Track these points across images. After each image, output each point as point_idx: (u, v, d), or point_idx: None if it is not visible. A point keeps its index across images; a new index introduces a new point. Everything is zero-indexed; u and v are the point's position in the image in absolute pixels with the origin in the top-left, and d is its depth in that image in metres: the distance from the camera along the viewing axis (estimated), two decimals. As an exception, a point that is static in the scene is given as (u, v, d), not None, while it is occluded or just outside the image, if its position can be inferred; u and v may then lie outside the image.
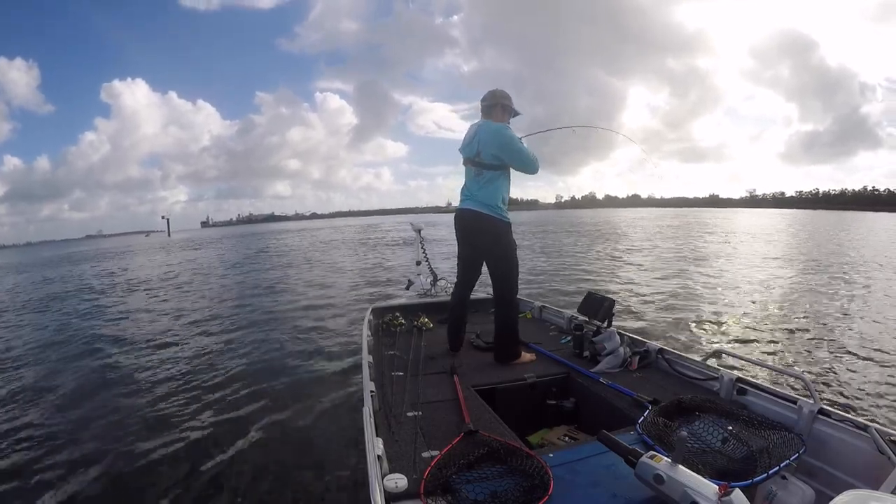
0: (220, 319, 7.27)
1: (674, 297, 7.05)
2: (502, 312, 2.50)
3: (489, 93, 2.55)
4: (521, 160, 2.42)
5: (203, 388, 4.21)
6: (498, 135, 2.40)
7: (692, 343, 4.80)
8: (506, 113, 2.54)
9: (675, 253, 13.73)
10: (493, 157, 2.41)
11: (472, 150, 2.47)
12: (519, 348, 2.49)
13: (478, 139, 2.44)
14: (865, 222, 37.79)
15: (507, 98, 2.53)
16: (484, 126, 2.46)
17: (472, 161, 2.49)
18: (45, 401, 4.10)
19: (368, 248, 19.05)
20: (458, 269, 2.72)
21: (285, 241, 32.18)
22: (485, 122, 2.50)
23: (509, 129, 2.44)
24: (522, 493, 1.21)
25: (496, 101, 2.51)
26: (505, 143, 2.39)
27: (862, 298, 6.75)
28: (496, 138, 2.40)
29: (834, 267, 10.04)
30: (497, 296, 2.55)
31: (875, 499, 0.87)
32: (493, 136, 2.41)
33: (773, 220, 44.69)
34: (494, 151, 2.40)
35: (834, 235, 21.36)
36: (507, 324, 2.48)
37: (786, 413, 1.62)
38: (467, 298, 2.73)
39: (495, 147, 2.40)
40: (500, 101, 2.51)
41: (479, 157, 2.44)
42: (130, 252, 32.58)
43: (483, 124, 2.48)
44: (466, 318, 2.75)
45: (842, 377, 3.79)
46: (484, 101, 2.55)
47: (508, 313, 2.49)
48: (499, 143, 2.39)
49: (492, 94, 2.53)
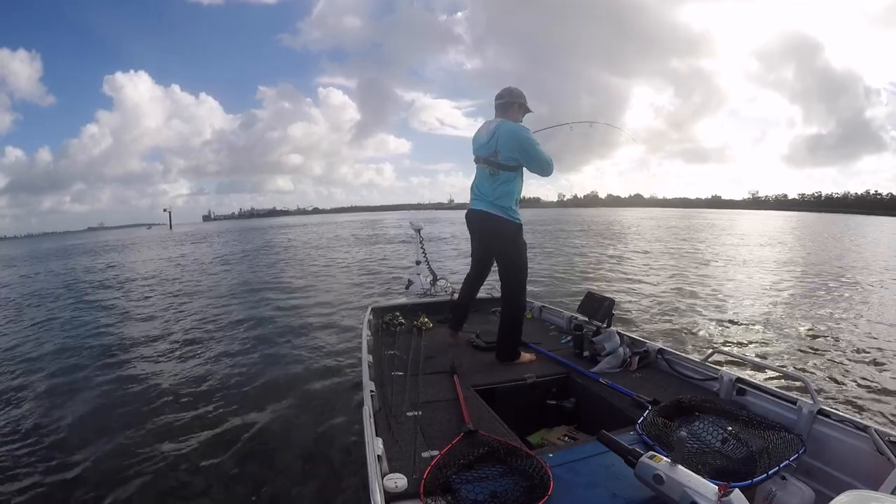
0: (219, 317, 7.26)
1: (675, 297, 7.05)
2: (508, 312, 2.50)
3: (505, 90, 2.49)
4: (539, 163, 2.39)
5: (202, 387, 4.21)
6: (518, 136, 2.35)
7: (692, 343, 4.81)
8: (521, 112, 2.50)
9: (679, 254, 13.67)
10: (510, 158, 2.37)
11: (489, 149, 2.42)
12: (519, 349, 2.49)
13: (496, 139, 2.38)
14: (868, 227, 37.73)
15: (522, 97, 2.49)
16: (502, 126, 2.39)
17: (487, 161, 2.44)
18: (41, 397, 4.10)
19: (370, 245, 19.04)
20: (472, 263, 2.79)
21: (287, 235, 32.13)
22: (502, 121, 2.43)
23: (528, 131, 2.40)
24: (522, 493, 1.21)
25: (514, 100, 2.46)
26: (525, 145, 2.35)
27: (863, 300, 6.75)
28: (516, 140, 2.35)
29: (835, 269, 10.04)
30: (504, 295, 2.55)
31: (875, 499, 0.87)
32: (513, 138, 2.35)
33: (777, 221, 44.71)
34: (513, 153, 2.36)
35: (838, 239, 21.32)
36: (512, 324, 2.47)
37: (785, 413, 1.62)
38: (476, 291, 2.81)
39: (515, 149, 2.35)
40: (517, 99, 2.47)
41: (495, 158, 2.39)
42: (133, 245, 32.49)
43: (501, 124, 2.41)
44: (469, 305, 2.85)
45: (842, 377, 3.79)
46: (500, 98, 2.49)
47: (514, 313, 2.49)
48: (519, 145, 2.35)
49: (509, 92, 2.48)
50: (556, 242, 18.68)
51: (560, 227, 30.96)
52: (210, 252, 20.79)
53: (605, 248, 15.88)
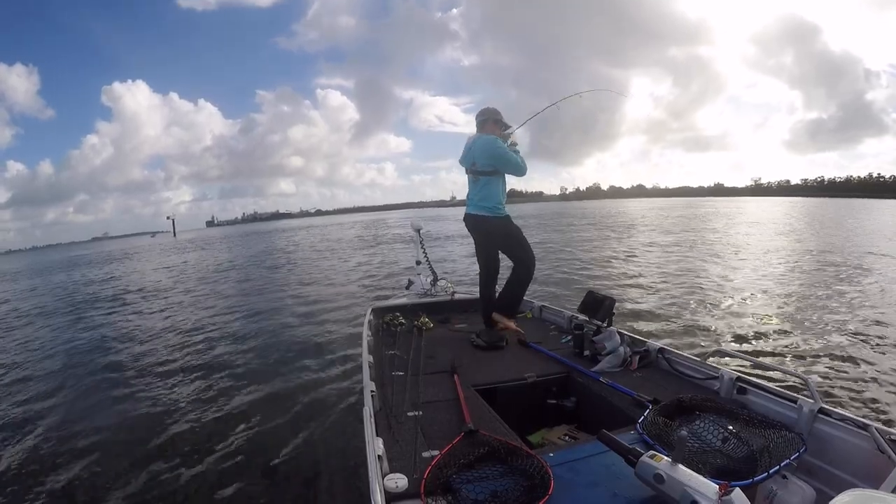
0: (220, 319, 7.27)
1: (675, 295, 7.04)
2: (519, 270, 2.87)
3: (481, 111, 2.98)
4: (511, 167, 2.84)
5: (202, 387, 4.22)
6: (489, 146, 2.79)
7: (692, 342, 4.80)
8: (497, 126, 2.92)
9: (684, 246, 13.51)
10: (487, 165, 2.81)
11: (468, 160, 2.90)
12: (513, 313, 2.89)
13: (472, 151, 2.86)
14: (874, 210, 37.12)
15: (497, 114, 2.94)
16: (478, 140, 2.86)
17: (470, 170, 2.90)
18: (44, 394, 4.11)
19: (372, 246, 19.01)
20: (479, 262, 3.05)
21: (291, 238, 32.05)
22: (478, 136, 2.89)
23: (498, 141, 2.83)
24: (523, 493, 1.21)
25: (488, 117, 2.93)
26: (495, 153, 2.78)
27: (866, 295, 6.72)
28: (488, 149, 2.79)
29: (839, 260, 9.92)
30: (517, 263, 2.90)
31: (875, 498, 0.87)
32: (485, 147, 2.80)
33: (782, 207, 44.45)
34: (487, 160, 2.80)
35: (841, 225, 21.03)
36: (519, 282, 2.88)
37: (786, 412, 1.62)
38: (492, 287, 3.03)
39: (488, 156, 2.80)
40: (491, 116, 2.93)
41: (475, 166, 2.85)
42: (136, 254, 32.42)
43: (477, 138, 2.88)
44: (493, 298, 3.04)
45: (843, 376, 3.78)
46: (478, 117, 2.98)
47: (524, 271, 2.86)
48: (490, 153, 2.79)
49: (483, 112, 2.96)
50: (563, 236, 18.51)
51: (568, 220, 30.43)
52: (212, 259, 20.71)
53: (610, 240, 15.70)
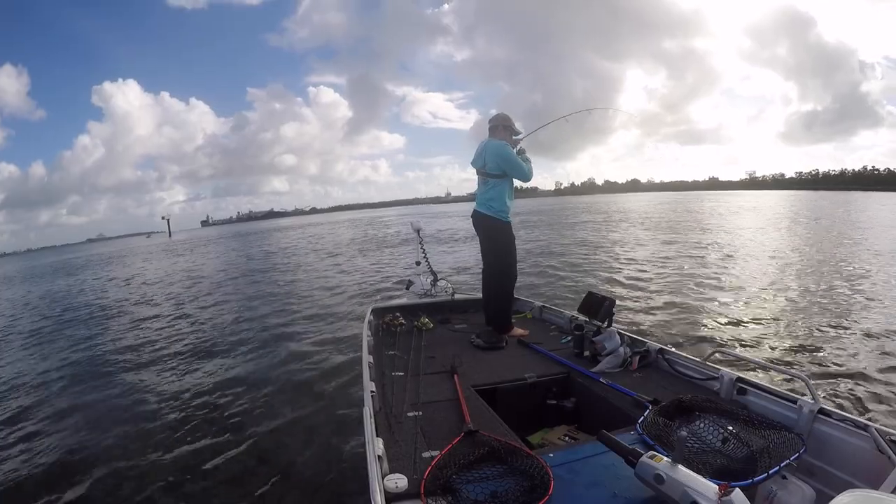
0: (219, 320, 7.28)
1: (675, 293, 7.03)
2: (496, 282, 3.06)
3: (494, 116, 3.15)
4: (517, 172, 3.01)
5: (202, 387, 4.22)
6: (500, 151, 2.98)
7: (692, 342, 4.80)
8: (507, 132, 3.09)
9: (685, 246, 13.46)
10: (496, 168, 2.99)
11: (480, 162, 3.07)
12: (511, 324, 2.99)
13: (484, 154, 3.03)
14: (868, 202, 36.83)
15: (507, 120, 3.12)
16: (489, 144, 3.04)
17: (480, 172, 3.08)
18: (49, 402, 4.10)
19: (371, 245, 18.99)
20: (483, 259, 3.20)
21: (287, 239, 32.01)
22: (490, 140, 3.07)
23: (508, 147, 3.02)
24: (523, 493, 1.21)
25: (499, 123, 3.10)
26: (506, 158, 2.96)
27: (866, 295, 6.71)
28: (498, 154, 2.97)
29: (837, 259, 9.89)
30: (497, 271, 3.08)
31: (875, 498, 0.87)
32: (496, 152, 2.98)
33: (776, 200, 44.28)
34: (497, 165, 2.97)
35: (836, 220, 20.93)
36: (501, 293, 3.03)
37: (786, 413, 1.62)
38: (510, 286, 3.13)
39: (498, 161, 2.97)
40: (502, 122, 3.10)
41: (485, 169, 3.03)
42: (134, 255, 32.31)
43: (488, 142, 3.06)
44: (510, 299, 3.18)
45: (843, 376, 3.78)
46: (490, 122, 3.14)
47: (501, 282, 3.05)
48: (500, 158, 2.96)
49: (495, 118, 3.12)
50: (563, 237, 18.40)
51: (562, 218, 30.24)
52: (209, 260, 20.67)
53: (610, 239, 15.61)
